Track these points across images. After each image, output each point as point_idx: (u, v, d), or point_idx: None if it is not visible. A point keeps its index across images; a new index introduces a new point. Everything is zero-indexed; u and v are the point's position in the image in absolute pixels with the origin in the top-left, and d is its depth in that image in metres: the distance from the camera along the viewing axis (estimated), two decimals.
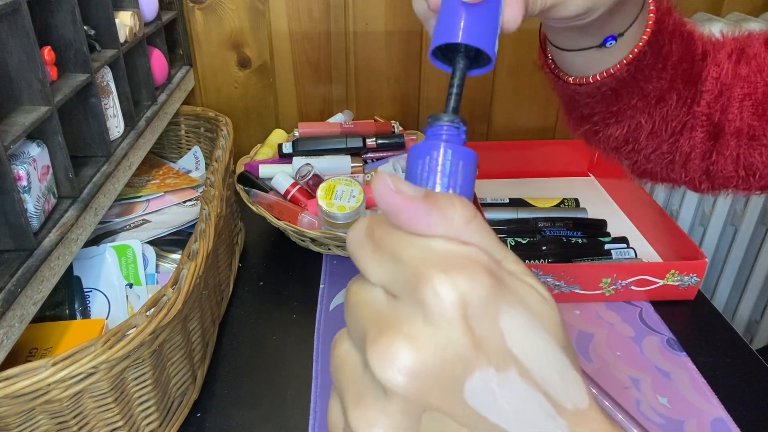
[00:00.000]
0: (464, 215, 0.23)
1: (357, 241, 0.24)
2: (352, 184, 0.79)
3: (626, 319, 0.74)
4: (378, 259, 0.23)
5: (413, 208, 0.23)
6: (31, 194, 0.50)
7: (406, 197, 0.23)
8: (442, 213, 0.22)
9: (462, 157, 0.26)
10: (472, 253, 0.22)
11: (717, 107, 0.51)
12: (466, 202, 0.23)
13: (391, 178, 0.23)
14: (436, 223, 0.22)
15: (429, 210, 0.22)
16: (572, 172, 1.10)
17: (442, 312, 0.21)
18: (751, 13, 1.11)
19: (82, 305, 0.64)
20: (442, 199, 0.23)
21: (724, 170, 0.53)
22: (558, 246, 0.81)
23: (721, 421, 0.60)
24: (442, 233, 0.22)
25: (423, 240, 0.22)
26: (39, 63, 0.50)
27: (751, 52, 0.51)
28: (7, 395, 0.41)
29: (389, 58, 1.08)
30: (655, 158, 0.55)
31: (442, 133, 0.27)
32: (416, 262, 0.22)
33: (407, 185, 0.23)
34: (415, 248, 0.22)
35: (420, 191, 0.23)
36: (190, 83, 0.99)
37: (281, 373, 0.66)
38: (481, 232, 0.23)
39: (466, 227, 0.23)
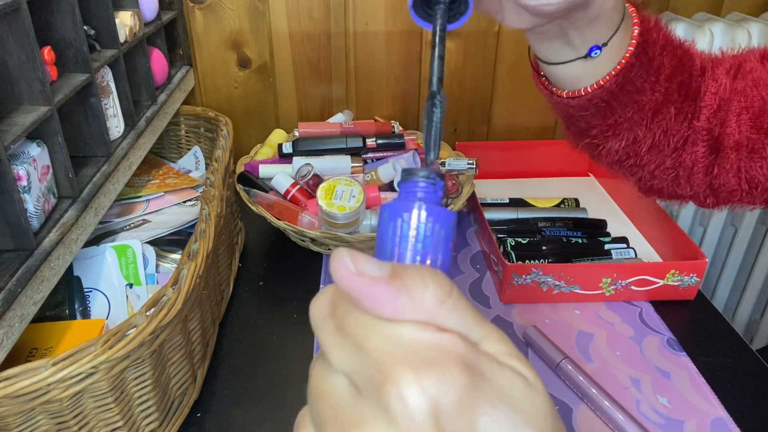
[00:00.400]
0: (436, 295, 0.20)
1: (319, 316, 0.22)
2: (352, 184, 0.79)
3: (626, 319, 0.74)
4: (340, 344, 0.21)
5: (377, 292, 0.20)
6: (31, 194, 0.50)
7: (369, 279, 0.20)
8: (411, 295, 0.20)
9: (438, 219, 0.23)
10: (445, 342, 0.20)
11: (716, 121, 0.52)
12: (439, 277, 0.21)
13: (351, 257, 0.21)
14: (403, 307, 0.20)
15: (396, 293, 0.20)
16: (572, 172, 1.10)
17: (409, 418, 0.18)
18: (751, 13, 1.11)
19: (82, 305, 0.64)
20: (411, 278, 0.20)
21: (727, 184, 0.53)
22: (558, 246, 0.81)
23: (721, 421, 0.60)
24: (411, 317, 0.20)
25: (389, 327, 0.20)
26: (39, 63, 0.50)
27: (747, 67, 0.52)
28: (7, 395, 0.41)
29: (389, 58, 1.08)
30: (660, 174, 0.56)
31: (417, 190, 0.24)
32: (380, 355, 0.19)
33: (370, 263, 0.20)
34: (380, 337, 0.20)
35: (385, 269, 0.20)
36: (190, 83, 0.99)
37: (281, 373, 0.66)
38: (456, 311, 0.21)
39: (439, 309, 0.20)
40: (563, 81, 0.52)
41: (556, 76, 0.52)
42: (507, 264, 0.73)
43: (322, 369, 0.22)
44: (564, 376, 0.64)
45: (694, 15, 1.11)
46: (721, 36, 1.02)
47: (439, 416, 0.18)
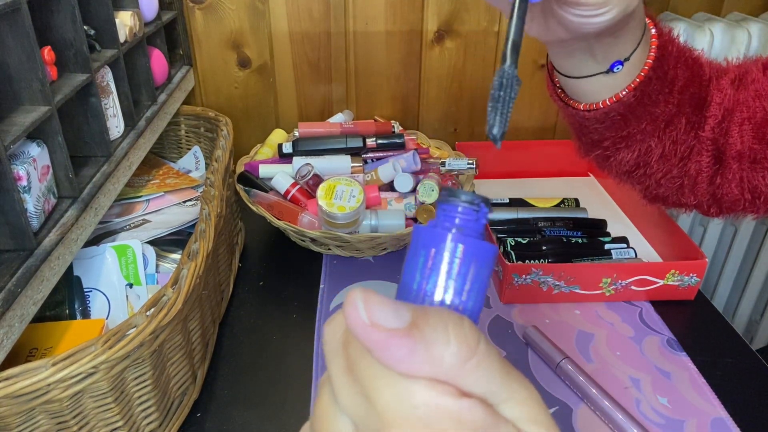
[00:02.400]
0: (459, 354, 0.18)
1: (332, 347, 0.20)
2: (352, 184, 0.79)
3: (626, 319, 0.74)
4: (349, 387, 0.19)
5: (392, 346, 0.18)
6: (31, 194, 0.50)
7: (383, 332, 0.18)
8: (429, 351, 0.18)
9: (476, 255, 0.21)
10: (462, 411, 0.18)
11: (720, 132, 0.53)
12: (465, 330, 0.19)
13: (366, 305, 0.18)
14: (420, 364, 0.18)
15: (413, 347, 0.18)
16: (572, 172, 1.10)
17: None
18: (751, 13, 1.11)
19: (82, 305, 0.64)
20: (432, 329, 0.18)
21: (730, 194, 0.54)
22: (558, 246, 0.81)
23: (721, 421, 0.60)
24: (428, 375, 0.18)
25: (403, 384, 0.18)
26: (39, 63, 0.50)
27: (750, 78, 0.53)
28: (7, 395, 0.41)
29: (389, 58, 1.08)
30: (666, 183, 0.57)
31: (456, 216, 0.21)
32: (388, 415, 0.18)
33: (385, 312, 0.18)
34: (391, 394, 0.18)
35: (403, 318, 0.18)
36: (190, 83, 0.99)
37: (281, 373, 0.66)
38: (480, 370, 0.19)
39: (461, 368, 0.18)
40: (581, 94, 0.52)
41: (574, 88, 0.52)
42: (507, 264, 0.73)
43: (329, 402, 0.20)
44: (564, 376, 0.64)
45: (694, 15, 1.11)
46: (721, 36, 1.02)
47: None
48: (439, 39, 1.07)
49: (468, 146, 1.03)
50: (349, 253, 0.85)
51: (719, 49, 1.04)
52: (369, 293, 0.19)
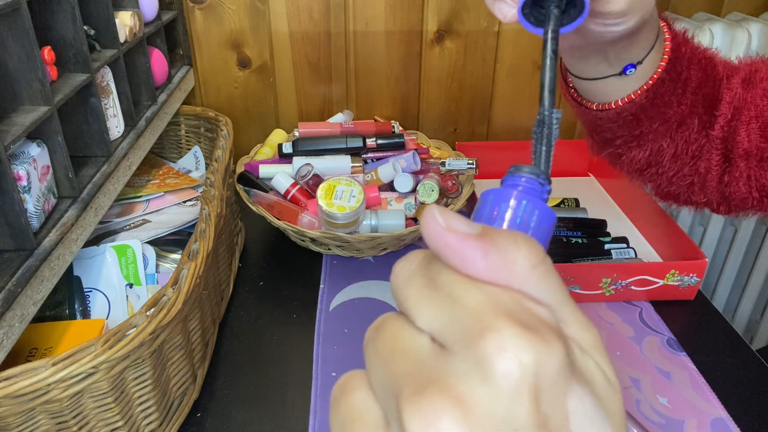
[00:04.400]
0: (529, 258, 0.19)
1: (406, 274, 0.20)
2: (352, 184, 0.79)
3: (626, 319, 0.74)
4: (431, 298, 0.19)
5: (467, 248, 0.19)
6: (31, 194, 0.50)
7: (459, 235, 0.19)
8: (503, 254, 0.19)
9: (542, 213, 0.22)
10: (543, 313, 0.18)
11: (729, 130, 0.53)
12: (532, 242, 0.19)
13: (441, 213, 0.19)
14: (494, 266, 0.19)
15: (487, 250, 0.19)
16: (572, 172, 1.10)
17: (508, 375, 0.16)
18: (751, 13, 1.11)
19: (82, 305, 0.64)
20: (503, 237, 0.19)
21: (738, 192, 0.54)
22: (558, 246, 0.81)
23: (721, 421, 0.60)
24: (503, 278, 0.19)
25: (488, 286, 0.19)
26: (39, 63, 0.50)
27: (758, 77, 0.53)
28: (7, 395, 0.41)
29: (389, 58, 1.08)
30: (677, 181, 0.57)
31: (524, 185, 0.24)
32: (481, 306, 0.18)
33: (460, 221, 0.19)
34: (479, 292, 0.18)
35: (476, 228, 0.19)
36: (190, 83, 0.99)
37: (281, 373, 0.66)
38: (549, 281, 0.19)
39: (532, 272, 0.19)
40: (594, 94, 0.53)
41: (587, 89, 0.53)
42: None
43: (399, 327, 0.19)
44: None
45: (694, 15, 1.11)
46: (721, 36, 1.02)
47: (538, 382, 0.17)
48: (439, 39, 1.07)
49: (468, 146, 1.03)
50: (349, 253, 0.85)
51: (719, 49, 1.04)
52: (443, 208, 0.20)
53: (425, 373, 0.18)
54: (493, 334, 0.17)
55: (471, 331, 0.17)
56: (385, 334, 0.20)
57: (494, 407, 0.17)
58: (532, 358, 0.17)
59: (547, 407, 0.17)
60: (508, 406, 0.17)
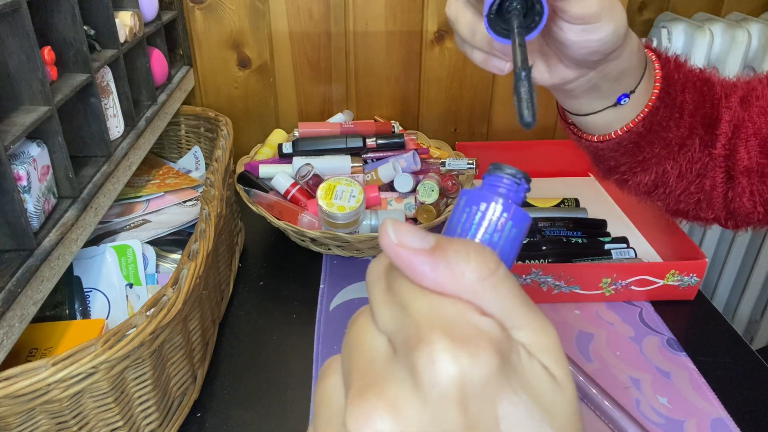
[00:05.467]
0: (478, 270, 0.20)
1: (374, 275, 0.22)
2: (352, 184, 0.79)
3: (626, 319, 0.74)
4: (387, 303, 0.21)
5: (418, 262, 0.20)
6: (31, 194, 0.50)
7: (410, 250, 0.20)
8: (451, 268, 0.20)
9: (513, 218, 0.23)
10: (483, 324, 0.19)
11: (730, 148, 0.54)
12: (485, 254, 0.21)
13: (394, 228, 0.21)
14: (443, 279, 0.20)
15: (435, 264, 0.20)
16: (572, 172, 1.10)
17: (435, 385, 0.18)
18: (751, 13, 1.11)
19: (82, 305, 0.64)
20: (454, 251, 0.20)
21: (743, 208, 0.55)
22: (558, 246, 0.81)
23: (721, 421, 0.60)
24: (452, 290, 0.20)
25: (435, 297, 0.20)
26: (39, 63, 0.50)
27: (756, 94, 0.54)
28: (7, 395, 0.41)
29: (389, 58, 1.08)
30: (685, 198, 0.59)
31: (499, 185, 0.24)
32: (421, 318, 0.19)
33: (413, 235, 0.21)
34: (424, 303, 0.20)
35: (428, 242, 0.21)
36: (190, 83, 0.99)
37: (281, 373, 0.66)
38: (498, 291, 0.20)
39: (480, 285, 0.20)
40: (593, 127, 0.54)
41: (586, 123, 0.54)
42: None
43: (365, 323, 0.22)
44: None
45: (694, 15, 1.11)
46: (721, 36, 1.02)
47: (464, 390, 0.18)
48: (439, 39, 1.07)
49: (468, 146, 1.03)
50: (349, 253, 0.85)
51: (719, 49, 1.04)
52: (399, 222, 0.21)
53: (372, 371, 0.20)
54: (426, 346, 0.18)
55: (410, 340, 0.19)
56: (355, 327, 0.22)
57: (423, 413, 0.18)
58: (458, 370, 0.18)
59: (475, 413, 0.18)
60: (436, 412, 0.18)
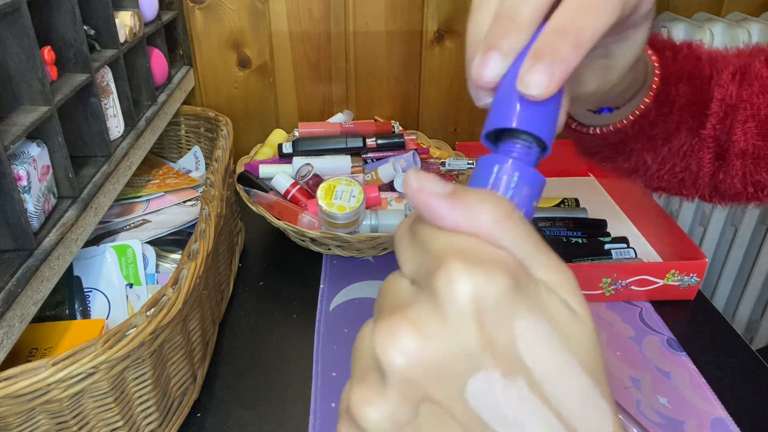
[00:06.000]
0: (493, 213, 0.21)
1: (399, 233, 0.24)
2: (352, 184, 0.79)
3: (626, 319, 0.74)
4: (411, 250, 0.23)
5: (437, 205, 0.22)
6: (31, 194, 0.50)
7: (430, 194, 0.22)
8: (468, 210, 0.21)
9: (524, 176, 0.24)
10: (499, 253, 0.21)
11: (722, 129, 0.51)
12: (499, 199, 0.22)
13: (416, 176, 0.22)
14: (461, 219, 0.21)
15: (454, 206, 0.22)
16: (572, 172, 1.10)
17: (453, 302, 0.20)
18: (751, 13, 1.11)
19: (82, 305, 0.64)
20: (471, 195, 0.22)
21: (732, 188, 0.53)
22: (558, 246, 0.81)
23: (721, 421, 0.60)
24: (469, 230, 0.21)
25: (453, 234, 0.22)
26: (39, 63, 0.50)
27: (753, 72, 0.51)
28: (7, 395, 0.41)
29: (389, 58, 1.08)
30: (668, 177, 0.56)
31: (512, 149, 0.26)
32: (440, 250, 0.21)
33: (433, 182, 0.22)
34: (443, 239, 0.21)
35: (447, 188, 0.22)
36: (190, 83, 0.99)
37: (281, 373, 0.66)
38: (514, 232, 0.22)
39: (495, 226, 0.21)
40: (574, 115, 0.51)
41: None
42: None
43: (392, 276, 0.24)
44: None
45: (694, 15, 1.11)
46: (721, 36, 1.02)
47: (480, 306, 0.20)
48: (439, 39, 1.07)
49: (468, 146, 1.03)
50: (349, 253, 0.85)
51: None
52: (421, 171, 0.23)
53: (398, 302, 0.22)
54: (443, 269, 0.20)
55: (430, 269, 0.21)
56: (385, 283, 0.24)
57: (443, 328, 0.20)
58: (473, 287, 0.20)
59: (492, 329, 0.20)
60: (455, 328, 0.20)
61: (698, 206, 1.20)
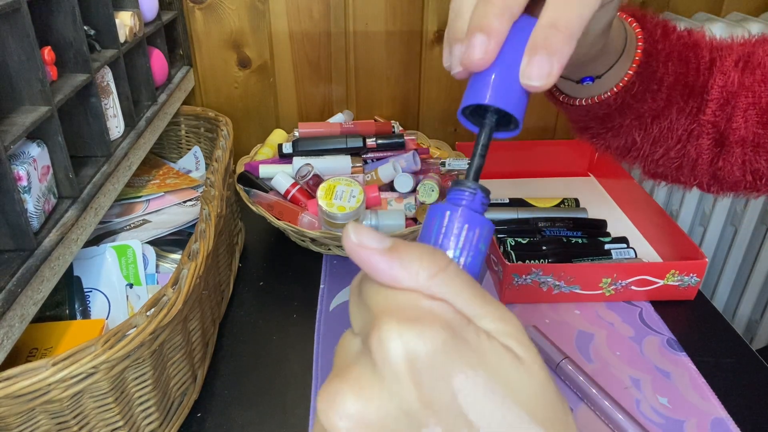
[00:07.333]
0: (429, 268, 0.22)
1: (351, 289, 0.25)
2: (352, 184, 0.79)
3: (626, 319, 0.74)
4: (357, 308, 0.23)
5: (376, 262, 0.22)
6: (31, 194, 0.50)
7: (369, 250, 0.22)
8: (405, 266, 0.22)
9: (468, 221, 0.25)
10: (434, 307, 0.21)
11: (722, 116, 0.51)
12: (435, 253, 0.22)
13: (355, 230, 0.23)
14: (399, 275, 0.22)
15: (391, 263, 0.22)
16: (572, 172, 1.10)
17: (387, 363, 0.20)
18: (751, 13, 1.11)
19: (82, 305, 0.64)
20: (407, 251, 0.22)
21: (731, 175, 0.53)
22: (558, 246, 0.81)
23: (721, 421, 0.60)
24: (408, 286, 0.22)
25: (390, 290, 0.22)
26: (39, 63, 0.50)
27: (756, 60, 0.51)
28: (7, 395, 0.41)
29: (389, 58, 1.08)
30: (664, 163, 0.56)
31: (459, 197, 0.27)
32: (376, 310, 0.21)
33: (371, 237, 0.23)
34: (382, 297, 0.22)
35: (385, 243, 0.22)
36: (190, 83, 0.99)
37: (281, 373, 0.66)
38: (452, 284, 0.22)
39: (433, 280, 0.22)
40: (562, 87, 0.51)
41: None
42: (507, 264, 0.73)
43: (346, 333, 0.24)
44: (564, 376, 0.64)
45: (694, 15, 1.11)
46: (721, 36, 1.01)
47: (414, 365, 0.20)
48: (439, 39, 1.07)
49: (468, 146, 1.03)
50: None
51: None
52: (360, 225, 0.23)
53: (344, 363, 0.22)
54: (376, 330, 0.20)
55: (368, 329, 0.21)
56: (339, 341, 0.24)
57: (382, 390, 0.20)
58: (404, 346, 0.20)
59: (430, 386, 0.20)
60: (393, 389, 0.20)
61: (698, 206, 1.20)
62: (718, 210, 1.17)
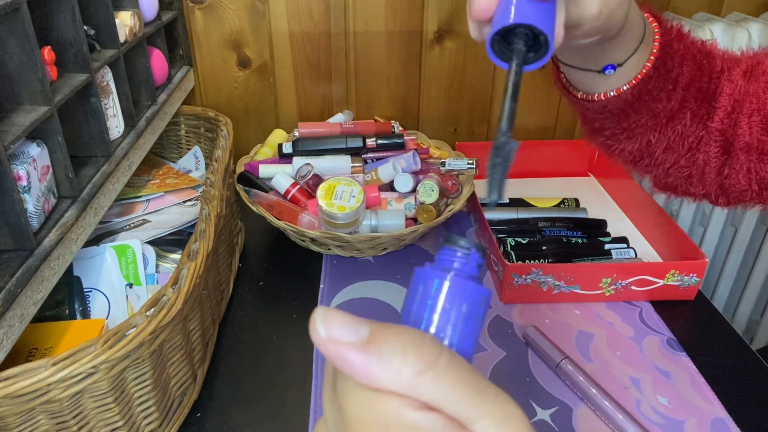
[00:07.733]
0: (415, 365, 0.19)
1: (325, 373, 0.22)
2: (352, 184, 0.79)
3: (626, 319, 0.74)
4: (331, 408, 0.20)
5: (350, 359, 0.19)
6: (31, 194, 0.50)
7: (341, 346, 0.19)
8: (386, 364, 0.19)
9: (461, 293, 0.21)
10: (421, 421, 0.18)
11: (729, 123, 0.52)
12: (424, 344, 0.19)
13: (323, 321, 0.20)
14: (378, 375, 0.19)
15: (369, 361, 0.19)
16: (572, 172, 1.10)
17: None
18: (751, 13, 1.11)
19: (82, 305, 0.64)
20: (389, 344, 0.19)
21: (737, 184, 0.54)
22: (558, 246, 0.81)
23: (721, 421, 0.60)
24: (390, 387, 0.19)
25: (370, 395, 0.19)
26: (39, 63, 0.50)
27: (762, 69, 0.52)
28: (7, 395, 0.41)
29: (389, 58, 1.08)
30: (674, 172, 0.57)
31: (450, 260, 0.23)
32: (355, 423, 0.19)
33: (343, 328, 0.20)
34: (359, 404, 0.19)
35: (361, 334, 0.19)
36: (190, 83, 0.99)
37: (281, 373, 0.66)
38: (443, 383, 0.19)
39: (419, 379, 0.19)
40: (580, 83, 0.52)
41: (574, 77, 0.52)
42: (507, 264, 0.73)
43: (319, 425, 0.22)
44: (564, 376, 0.64)
45: (694, 15, 1.11)
46: (721, 36, 1.02)
47: None
48: (439, 39, 1.07)
49: (468, 146, 1.03)
50: (349, 253, 0.85)
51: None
52: (330, 311, 0.20)
53: None
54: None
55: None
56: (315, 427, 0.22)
57: None
58: None
59: None
60: None
61: (698, 206, 1.20)
62: (718, 210, 1.17)
